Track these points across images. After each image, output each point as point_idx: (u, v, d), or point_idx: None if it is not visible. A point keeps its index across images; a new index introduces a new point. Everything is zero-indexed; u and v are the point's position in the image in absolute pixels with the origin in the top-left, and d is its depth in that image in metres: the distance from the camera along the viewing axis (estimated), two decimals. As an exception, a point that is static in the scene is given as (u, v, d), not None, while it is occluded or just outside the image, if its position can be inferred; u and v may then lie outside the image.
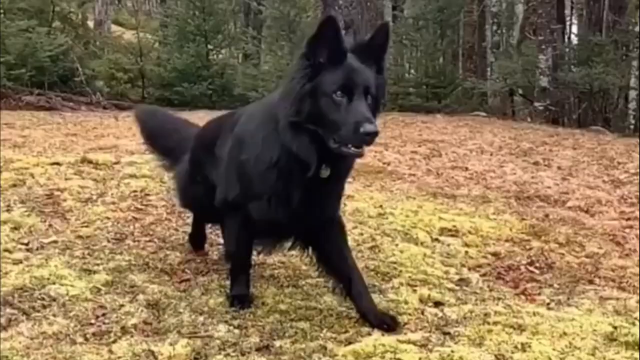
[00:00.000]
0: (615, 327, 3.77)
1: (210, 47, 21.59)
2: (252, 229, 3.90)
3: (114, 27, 27.32)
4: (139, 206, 5.63)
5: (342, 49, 3.41)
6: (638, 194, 8.00)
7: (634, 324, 3.88)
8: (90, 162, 6.93)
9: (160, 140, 4.98)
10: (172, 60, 20.54)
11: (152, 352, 3.21)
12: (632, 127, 19.76)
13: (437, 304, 4.10)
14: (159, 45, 23.01)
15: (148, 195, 5.96)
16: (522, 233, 5.91)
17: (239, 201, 3.80)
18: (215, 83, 20.20)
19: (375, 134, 3.29)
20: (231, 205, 3.87)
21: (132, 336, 3.39)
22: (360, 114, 3.30)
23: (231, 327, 3.56)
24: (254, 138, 3.68)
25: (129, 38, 23.28)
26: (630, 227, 6.38)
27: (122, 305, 3.73)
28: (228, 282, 4.13)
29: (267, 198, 3.67)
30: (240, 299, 3.87)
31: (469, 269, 4.92)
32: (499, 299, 4.30)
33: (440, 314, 3.92)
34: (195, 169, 4.37)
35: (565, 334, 3.66)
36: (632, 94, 20.35)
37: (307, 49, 3.43)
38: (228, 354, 3.24)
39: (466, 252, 5.26)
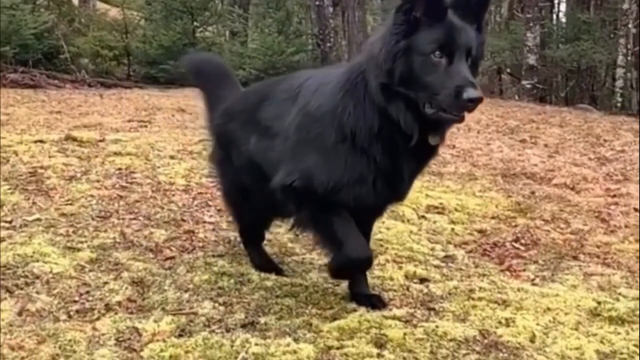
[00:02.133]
0: (599, 303, 3.80)
1: (196, 24, 21.37)
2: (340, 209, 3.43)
3: (98, 4, 27.05)
4: (124, 184, 5.60)
5: (443, 4, 3.07)
6: (623, 171, 8.04)
7: (617, 299, 3.92)
8: (74, 139, 6.88)
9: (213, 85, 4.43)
10: (158, 37, 20.28)
11: (136, 329, 3.19)
12: (618, 105, 19.82)
13: (423, 280, 4.12)
14: (144, 22, 22.73)
15: (133, 172, 5.93)
16: (508, 210, 5.92)
17: (330, 190, 3.32)
18: (202, 61, 20.01)
19: (479, 100, 2.98)
20: (314, 193, 3.36)
21: (116, 313, 3.37)
22: (462, 78, 2.98)
23: (216, 304, 3.55)
24: (344, 111, 3.26)
25: (114, 15, 22.98)
26: (616, 203, 6.40)
27: (106, 283, 3.71)
28: (214, 260, 4.15)
29: (372, 179, 3.29)
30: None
31: (455, 245, 4.93)
32: (484, 275, 4.32)
33: (425, 290, 3.93)
34: (228, 148, 4.01)
35: (549, 309, 3.68)
36: (619, 72, 20.40)
37: (403, 2, 3.07)
38: (213, 331, 3.23)
39: (452, 229, 5.27)
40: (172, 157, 6.54)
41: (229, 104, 4.15)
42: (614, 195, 6.74)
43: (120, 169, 6.00)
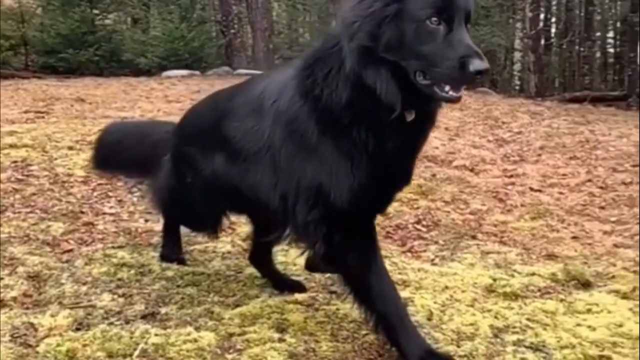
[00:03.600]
0: (494, 280, 3.93)
1: (96, 11, 20.84)
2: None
3: (-8, -8, 26.05)
4: (20, 177, 5.43)
5: None
6: (520, 152, 8.31)
7: (512, 275, 4.06)
8: (-34, 132, 6.64)
9: (126, 153, 4.12)
10: (56, 26, 19.68)
11: (32, 324, 3.11)
12: (517, 87, 20.45)
13: (326, 264, 4.14)
14: (41, 10, 22.02)
15: (29, 165, 5.76)
16: (411, 193, 6.01)
17: (343, 199, 2.87)
18: (102, 49, 19.56)
19: (486, 71, 2.57)
20: (336, 214, 2.93)
21: (11, 309, 3.27)
22: (465, 47, 2.56)
23: (115, 296, 3.49)
24: (314, 83, 2.84)
25: (10, 3, 22.13)
26: (512, 183, 6.62)
27: (0, 279, 3.60)
28: (114, 251, 4.07)
29: (365, 162, 2.82)
30: None
31: (358, 229, 4.98)
32: (386, 257, 4.33)
33: (327, 274, 3.94)
34: (183, 168, 3.60)
35: (447, 287, 3.78)
36: (517, 55, 21.04)
37: None
38: (112, 323, 3.18)
39: (355, 212, 5.31)
40: (70, 148, 6.38)
41: (182, 125, 3.77)
42: (511, 176, 6.97)
43: (15, 161, 5.81)
